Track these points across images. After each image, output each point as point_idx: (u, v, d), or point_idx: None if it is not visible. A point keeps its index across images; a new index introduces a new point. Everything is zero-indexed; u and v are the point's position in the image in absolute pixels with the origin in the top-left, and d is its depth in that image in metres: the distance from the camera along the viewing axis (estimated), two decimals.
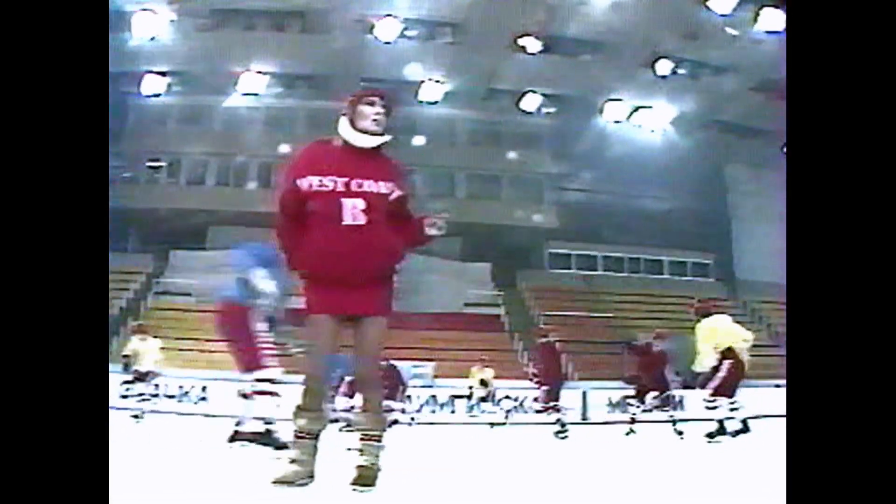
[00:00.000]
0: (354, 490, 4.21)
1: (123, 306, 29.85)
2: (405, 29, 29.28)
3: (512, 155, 34.77)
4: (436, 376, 24.84)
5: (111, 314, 29.12)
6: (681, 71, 30.39)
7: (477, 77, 31.78)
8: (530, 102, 32.46)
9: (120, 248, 32.83)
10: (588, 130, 33.74)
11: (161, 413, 17.34)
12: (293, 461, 4.30)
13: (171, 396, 23.10)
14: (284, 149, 28.22)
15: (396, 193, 4.53)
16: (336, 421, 12.46)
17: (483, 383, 21.03)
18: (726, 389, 11.43)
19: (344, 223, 4.33)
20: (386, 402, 4.71)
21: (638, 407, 15.18)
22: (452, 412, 23.45)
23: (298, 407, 4.41)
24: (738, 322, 12.54)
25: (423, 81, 31.79)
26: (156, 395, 17.38)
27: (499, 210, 33.91)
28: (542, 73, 30.61)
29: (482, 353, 27.19)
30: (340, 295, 4.45)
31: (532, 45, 28.70)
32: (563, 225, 33.99)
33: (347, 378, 14.92)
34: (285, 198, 4.49)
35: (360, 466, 4.37)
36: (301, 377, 4.51)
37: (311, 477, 4.29)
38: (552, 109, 33.28)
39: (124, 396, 16.31)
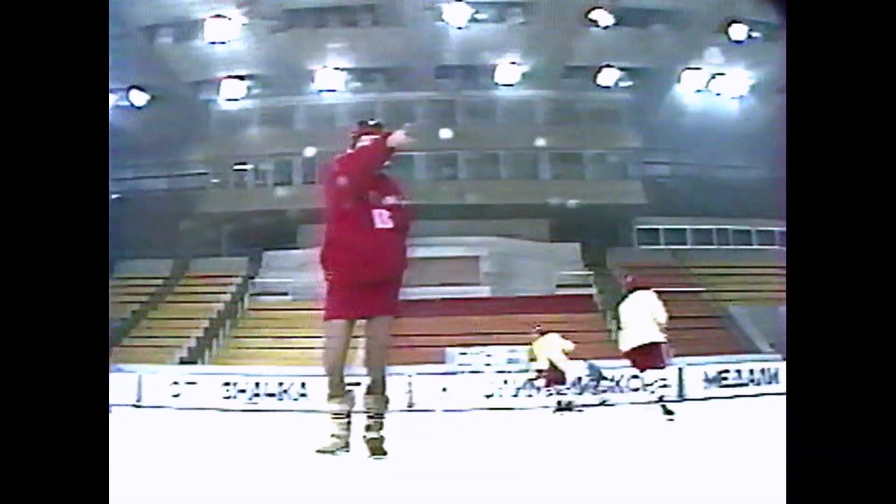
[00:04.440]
0: (375, 459, 5.06)
1: (221, 309, 30.56)
2: (475, 13, 29.21)
3: (593, 132, 34.28)
4: (531, 360, 24.70)
5: (210, 318, 29.91)
6: (755, 34, 29.48)
7: (552, 55, 31.45)
8: (608, 77, 31.99)
9: (215, 252, 33.67)
10: (668, 102, 33.18)
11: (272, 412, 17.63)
12: (332, 435, 5.28)
13: (272, 395, 23.57)
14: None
15: (404, 203, 5.46)
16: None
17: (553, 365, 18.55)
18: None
19: (376, 226, 5.26)
20: None
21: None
22: (549, 395, 23.24)
23: (327, 395, 5.38)
24: None
25: (498, 64, 31.68)
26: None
27: (584, 189, 33.44)
28: (617, 46, 30.14)
29: (576, 333, 27.03)
30: (357, 299, 5.28)
31: (603, 18, 28.32)
32: (650, 200, 33.35)
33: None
34: (336, 213, 5.41)
35: (371, 440, 5.24)
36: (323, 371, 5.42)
37: (348, 447, 5.25)
38: (630, 83, 32.71)
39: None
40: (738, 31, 29.00)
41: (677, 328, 26.58)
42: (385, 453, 5.17)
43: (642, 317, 11.24)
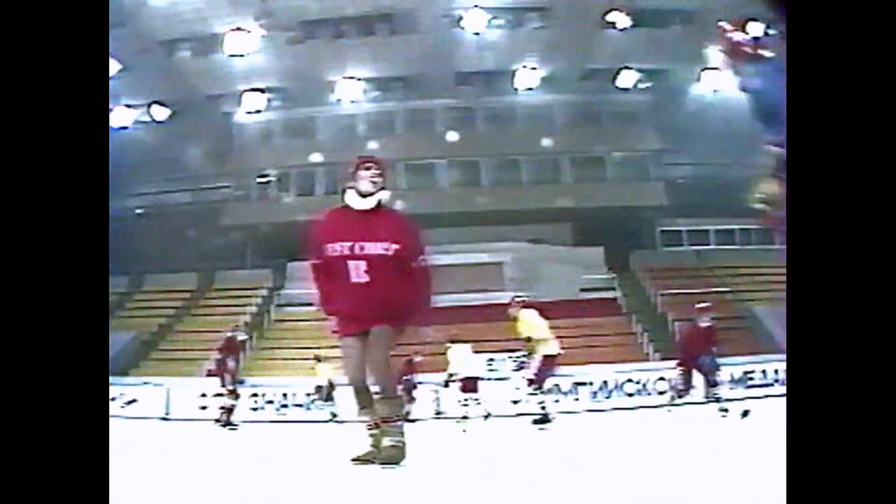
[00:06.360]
0: (384, 468, 4.94)
1: (248, 321, 30.68)
2: (492, 18, 29.26)
3: (614, 134, 34.20)
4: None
5: (238, 329, 30.00)
6: (772, 32, 29.24)
7: (570, 59, 31.42)
8: (626, 79, 31.90)
9: (240, 265, 33.85)
10: (687, 102, 32.96)
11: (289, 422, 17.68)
12: (372, 445, 5.36)
13: (299, 405, 23.66)
14: (389, 152, 28.41)
15: (394, 248, 5.36)
16: None
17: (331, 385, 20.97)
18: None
19: (351, 280, 5.36)
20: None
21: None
22: (576, 400, 23.24)
23: (357, 407, 5.53)
24: None
25: (517, 69, 31.70)
26: None
27: (606, 192, 33.37)
28: (635, 47, 30.01)
29: (601, 337, 26.92)
30: (358, 323, 5.49)
31: (621, 20, 28.28)
32: (672, 201, 33.22)
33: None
34: (314, 264, 5.69)
35: (387, 447, 5.20)
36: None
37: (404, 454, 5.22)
38: (649, 84, 32.60)
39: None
40: (756, 29, 28.74)
41: None
42: (397, 462, 5.11)
43: None
